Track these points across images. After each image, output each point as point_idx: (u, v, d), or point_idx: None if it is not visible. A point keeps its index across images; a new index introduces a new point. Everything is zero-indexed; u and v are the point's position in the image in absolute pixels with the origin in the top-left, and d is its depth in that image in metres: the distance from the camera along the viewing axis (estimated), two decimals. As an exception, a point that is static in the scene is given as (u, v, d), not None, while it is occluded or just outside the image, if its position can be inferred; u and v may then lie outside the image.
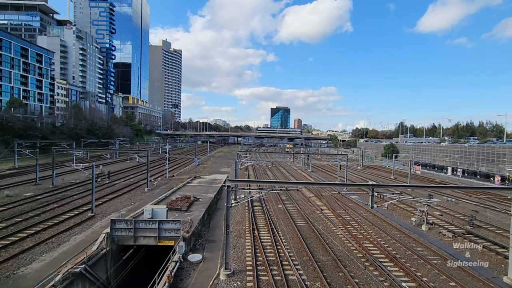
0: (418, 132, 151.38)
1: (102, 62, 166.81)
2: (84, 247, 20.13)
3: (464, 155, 71.12)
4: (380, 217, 30.87)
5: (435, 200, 29.53)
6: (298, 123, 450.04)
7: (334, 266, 19.02)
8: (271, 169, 73.76)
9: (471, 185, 49.00)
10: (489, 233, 26.19)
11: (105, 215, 28.61)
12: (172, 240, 19.42)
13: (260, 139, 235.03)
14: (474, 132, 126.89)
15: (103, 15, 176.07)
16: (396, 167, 68.34)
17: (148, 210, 21.20)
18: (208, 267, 18.56)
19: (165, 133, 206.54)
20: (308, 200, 37.77)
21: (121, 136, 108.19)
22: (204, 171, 63.77)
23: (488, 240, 24.18)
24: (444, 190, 43.88)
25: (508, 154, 59.12)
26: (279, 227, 26.30)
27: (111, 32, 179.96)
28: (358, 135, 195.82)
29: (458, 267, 19.10)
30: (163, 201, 30.86)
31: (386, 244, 22.95)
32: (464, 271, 18.57)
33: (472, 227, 27.60)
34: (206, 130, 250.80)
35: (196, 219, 24.92)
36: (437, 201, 30.08)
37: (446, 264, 19.63)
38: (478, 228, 27.63)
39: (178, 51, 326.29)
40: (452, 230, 26.38)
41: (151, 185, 44.42)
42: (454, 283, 16.95)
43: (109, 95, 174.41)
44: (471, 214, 30.43)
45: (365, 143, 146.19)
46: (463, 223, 29.06)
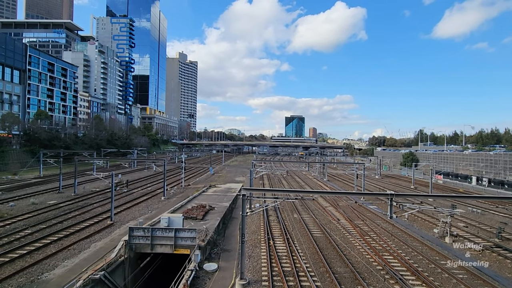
0: (439, 140, 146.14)
1: (122, 74, 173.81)
2: (103, 254, 20.62)
3: (490, 164, 67.77)
4: (400, 228, 29.76)
5: (459, 211, 28.19)
6: (313, 132, 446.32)
7: (353, 278, 18.44)
8: (286, 178, 73.17)
9: (498, 195, 46.45)
10: (519, 247, 24.60)
11: (124, 223, 29.25)
12: (188, 249, 19.55)
13: (275, 148, 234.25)
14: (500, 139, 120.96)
15: (123, 30, 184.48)
16: (416, 176, 66.02)
17: (164, 219, 21.54)
18: (223, 276, 18.48)
19: (181, 143, 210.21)
20: (324, 210, 37.05)
21: (139, 146, 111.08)
22: (219, 180, 64.15)
23: (518, 254, 22.71)
24: (468, 200, 41.84)
25: (538, 162, 55.81)
26: (294, 237, 25.90)
27: (130, 46, 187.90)
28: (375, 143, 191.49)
29: (486, 281, 18.02)
30: (179, 210, 31.21)
31: (407, 257, 22.04)
32: (493, 286, 17.48)
33: (501, 239, 26.05)
34: (221, 139, 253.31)
35: (211, 228, 25.01)
36: (461, 212, 28.72)
37: (473, 279, 18.58)
38: (507, 241, 26.05)
39: (193, 63, 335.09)
40: (478, 242, 25.00)
41: (168, 193, 45.10)
42: (483, 299, 15.98)
43: (128, 106, 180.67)
44: (499, 226, 28.75)
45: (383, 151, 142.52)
46: (490, 235, 27.51)
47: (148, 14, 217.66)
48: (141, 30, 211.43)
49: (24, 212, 31.70)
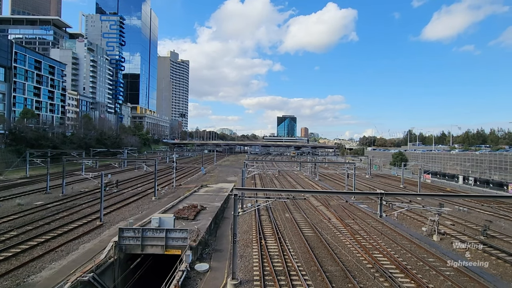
0: (427, 140, 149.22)
1: (112, 73, 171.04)
2: (92, 256, 20.26)
3: (476, 163, 69.64)
4: (389, 226, 30.27)
5: (446, 209, 28.86)
6: (305, 132, 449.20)
7: (343, 276, 18.65)
8: (277, 178, 73.43)
9: (483, 194, 47.76)
10: (503, 244, 25.37)
11: (113, 224, 28.81)
12: (179, 249, 19.41)
13: (267, 148, 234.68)
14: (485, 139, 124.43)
15: (113, 28, 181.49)
16: (405, 175, 67.25)
17: (155, 219, 21.32)
18: (215, 276, 18.43)
19: (172, 142, 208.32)
20: (316, 209, 37.35)
21: (129, 145, 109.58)
22: (211, 180, 63.89)
23: (503, 251, 23.41)
24: (455, 199, 42.86)
25: (521, 162, 57.66)
26: (286, 237, 26.02)
27: (120, 44, 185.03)
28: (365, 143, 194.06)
29: (472, 278, 18.52)
30: (170, 210, 30.94)
31: (396, 255, 22.44)
32: (479, 283, 17.98)
33: (486, 237, 26.80)
34: (213, 139, 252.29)
35: (203, 228, 24.89)
36: (448, 210, 29.41)
37: (459, 275, 19.06)
38: (492, 238, 26.82)
39: (185, 62, 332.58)
40: (465, 240, 25.67)
41: (159, 194, 44.65)
42: (468, 295, 16.41)
43: (118, 105, 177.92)
44: (484, 224, 29.58)
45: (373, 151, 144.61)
46: (476, 233, 28.27)
47: (139, 12, 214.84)
48: (131, 28, 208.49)
49: (9, 213, 30.85)
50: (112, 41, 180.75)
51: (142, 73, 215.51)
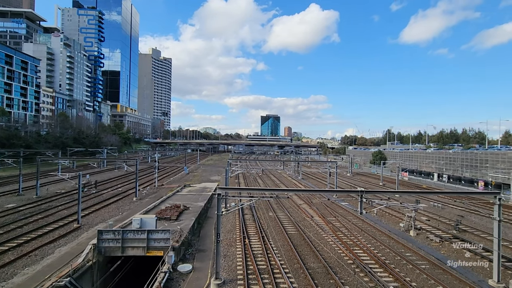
0: (405, 139, 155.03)
1: (90, 70, 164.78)
2: (69, 260, 19.48)
3: (449, 161, 73.15)
4: (369, 223, 31.22)
5: (422, 206, 30.15)
6: (288, 131, 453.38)
7: (325, 273, 19.06)
8: (261, 177, 73.71)
9: (456, 190, 50.32)
10: (474, 237, 26.86)
11: (92, 226, 27.87)
12: (161, 250, 19.09)
13: (251, 147, 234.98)
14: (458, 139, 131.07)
15: (91, 23, 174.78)
16: (384, 173, 69.55)
17: (136, 220, 20.83)
18: (198, 277, 18.27)
19: (154, 142, 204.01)
20: (299, 208, 37.86)
21: (109, 145, 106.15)
22: (194, 179, 63.17)
23: (473, 244, 24.76)
24: (430, 196, 44.87)
25: (490, 160, 61.20)
26: (270, 235, 26.21)
27: (99, 40, 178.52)
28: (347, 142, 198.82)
29: (445, 271, 19.49)
30: (152, 211, 30.33)
31: (375, 250, 23.19)
32: (452, 275, 18.94)
33: (458, 231, 28.26)
34: (196, 138, 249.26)
35: (186, 228, 24.59)
36: (424, 207, 30.74)
37: (434, 269, 20.00)
38: (463, 232, 28.31)
39: (168, 59, 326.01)
40: (439, 235, 26.94)
41: (140, 194, 43.62)
42: (442, 287, 17.25)
43: (97, 103, 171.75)
44: (456, 219, 31.16)
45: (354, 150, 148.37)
46: (449, 227, 29.73)
47: (119, 7, 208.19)
48: (111, 23, 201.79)
49: (-23, 217, 29.07)
50: (90, 37, 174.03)
51: (122, 70, 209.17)
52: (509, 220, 32.05)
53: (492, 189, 52.70)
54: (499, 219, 17.58)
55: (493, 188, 52.82)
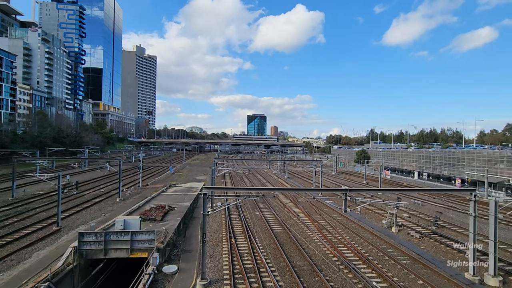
0: (387, 138, 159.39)
1: (71, 66, 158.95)
2: (48, 263, 18.79)
3: (429, 160, 75.84)
4: (353, 220, 31.92)
5: (403, 203, 31.13)
6: (275, 130, 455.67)
7: (311, 270, 19.34)
8: (248, 176, 73.74)
9: (434, 188, 52.30)
10: (451, 233, 28.03)
11: (72, 228, 26.99)
12: (146, 252, 18.75)
13: (237, 146, 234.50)
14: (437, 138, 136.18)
15: (72, 18, 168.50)
16: (368, 172, 71.29)
17: (120, 221, 20.35)
18: (183, 278, 18.08)
19: (138, 141, 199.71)
20: (285, 206, 38.18)
21: (91, 144, 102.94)
22: (179, 179, 62.37)
23: (451, 239, 25.86)
24: (411, 193, 46.42)
25: (466, 158, 63.94)
26: (256, 234, 26.29)
27: (80, 36, 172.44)
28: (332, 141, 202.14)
29: (425, 265, 20.24)
30: (136, 212, 29.72)
31: (359, 247, 23.75)
32: (431, 269, 19.70)
33: (437, 227, 29.39)
34: (182, 137, 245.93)
35: (171, 228, 24.26)
36: (405, 204, 31.74)
37: (414, 263, 20.72)
38: (442, 228, 29.48)
39: (152, 57, 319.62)
40: (419, 231, 27.92)
41: (123, 195, 42.61)
42: (422, 281, 17.91)
43: (78, 101, 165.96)
44: (435, 215, 32.40)
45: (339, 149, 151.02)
46: (428, 223, 30.87)
47: (101, 2, 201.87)
48: (93, 19, 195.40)
49: None
50: (70, 32, 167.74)
51: (105, 68, 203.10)
52: (484, 216, 33.66)
53: (468, 186, 55.14)
54: (475, 214, 18.43)
55: (469, 185, 55.27)
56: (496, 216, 17.87)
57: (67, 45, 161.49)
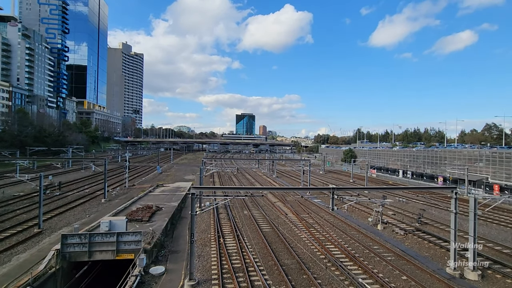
0: (374, 138, 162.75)
1: (53, 63, 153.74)
2: (29, 267, 18.17)
3: (413, 159, 77.94)
4: (340, 219, 32.44)
5: (388, 201, 31.85)
6: (263, 130, 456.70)
7: (298, 268, 19.52)
8: (236, 176, 73.60)
9: (418, 186, 53.82)
10: (434, 229, 28.93)
11: (55, 230, 26.20)
12: (132, 253, 18.43)
13: (226, 145, 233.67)
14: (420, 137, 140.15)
15: (54, 13, 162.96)
16: (354, 171, 72.56)
17: (105, 223, 19.90)
18: (171, 279, 17.89)
19: (124, 140, 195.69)
20: (273, 205, 38.36)
21: (75, 144, 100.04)
22: (167, 179, 61.57)
23: (433, 235, 26.70)
24: (396, 191, 47.57)
25: (448, 157, 66.11)
26: (244, 234, 26.30)
27: (64, 32, 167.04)
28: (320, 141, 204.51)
29: (409, 261, 20.82)
30: (122, 212, 29.14)
31: (346, 244, 24.17)
32: (414, 265, 20.28)
33: (420, 224, 30.27)
34: (170, 137, 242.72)
35: (158, 229, 23.94)
36: (390, 202, 32.49)
37: (399, 260, 21.27)
38: (425, 224, 30.38)
39: (139, 55, 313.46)
40: (403, 228, 28.68)
41: (109, 195, 41.69)
42: (406, 276, 18.41)
43: (61, 99, 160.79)
44: (419, 213, 33.37)
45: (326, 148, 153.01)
46: (412, 221, 31.75)
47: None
48: (77, 14, 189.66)
49: None
50: (53, 28, 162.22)
51: (89, 65, 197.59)
52: (465, 213, 34.92)
53: (450, 184, 57.06)
54: (456, 211, 19.10)
55: (451, 183, 57.19)
56: (476, 213, 18.59)
57: (50, 41, 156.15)
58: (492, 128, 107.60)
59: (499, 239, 25.97)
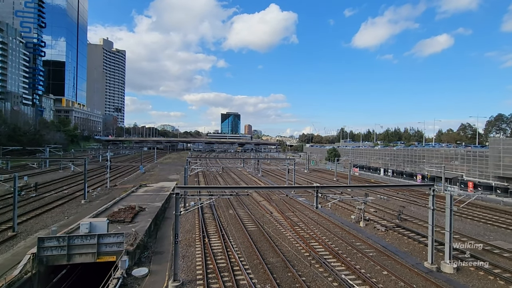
0: (356, 137, 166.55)
1: (29, 58, 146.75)
2: (3, 272, 17.29)
3: (393, 157, 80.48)
4: (324, 216, 33.02)
5: (370, 198, 32.80)
6: (249, 129, 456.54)
7: (283, 266, 19.72)
8: (221, 175, 73.26)
9: (398, 184, 55.69)
10: (413, 225, 30.03)
11: (31, 233, 25.09)
12: (114, 255, 17.96)
13: (211, 144, 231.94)
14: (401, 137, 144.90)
15: (29, 6, 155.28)
16: (338, 169, 74.01)
17: (85, 224, 19.26)
18: (155, 280, 17.58)
19: (106, 139, 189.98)
20: (258, 204, 38.49)
21: (53, 143, 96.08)
22: (151, 179, 60.37)
23: (412, 231, 27.72)
24: (377, 189, 49.00)
25: (426, 156, 68.76)
26: (230, 233, 26.25)
27: (40, 26, 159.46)
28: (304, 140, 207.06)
29: (389, 257, 21.52)
30: (103, 213, 28.31)
31: (329, 242, 24.65)
32: (394, 260, 20.98)
33: (400, 220, 31.34)
34: (153, 136, 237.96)
35: (141, 230, 23.45)
36: (372, 199, 33.47)
37: (380, 255, 21.94)
38: (405, 221, 31.48)
39: (121, 52, 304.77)
40: (384, 224, 29.59)
41: (89, 196, 40.37)
42: (387, 271, 19.02)
43: (37, 96, 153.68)
44: (399, 209, 34.52)
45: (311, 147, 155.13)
46: (393, 217, 32.81)
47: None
48: (54, 8, 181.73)
49: None
50: (28, 21, 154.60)
51: (68, 61, 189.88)
52: (441, 209, 36.49)
53: (428, 181, 59.41)
54: (433, 208, 19.92)
55: (429, 181, 59.56)
56: (451, 209, 19.47)
57: (25, 35, 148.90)
58: (467, 128, 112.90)
59: (472, 234, 27.33)
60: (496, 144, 51.63)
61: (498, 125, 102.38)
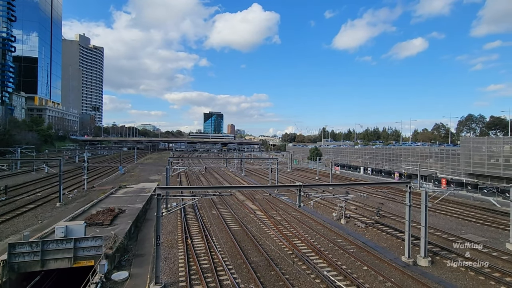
0: (337, 136, 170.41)
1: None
2: (-31, 281, 16.23)
3: (372, 156, 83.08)
4: (307, 215, 33.55)
5: (351, 196, 33.65)
6: (231, 128, 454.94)
7: (267, 265, 19.84)
8: (204, 175, 72.55)
9: (377, 181, 57.55)
10: (391, 221, 31.16)
11: (1, 239, 23.71)
12: (92, 259, 17.34)
13: (193, 144, 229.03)
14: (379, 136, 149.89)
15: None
16: (320, 168, 75.41)
17: (60, 228, 18.45)
18: (135, 284, 17.15)
19: (82, 139, 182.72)
20: (242, 204, 38.48)
21: (24, 143, 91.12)
22: (131, 180, 58.72)
23: (390, 227, 28.76)
24: (358, 187, 50.35)
25: (403, 154, 71.51)
26: (213, 233, 26.06)
27: (9, 20, 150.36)
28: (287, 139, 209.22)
29: (369, 252, 22.22)
30: (80, 216, 27.23)
31: (312, 239, 25.08)
32: (373, 255, 21.69)
33: (379, 217, 32.43)
34: (133, 135, 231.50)
35: (121, 233, 22.79)
36: (352, 197, 34.34)
37: (360, 251, 22.60)
38: (383, 217, 32.61)
39: (99, 48, 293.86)
40: (364, 221, 30.50)
41: (65, 199, 38.68)
42: (367, 267, 19.62)
43: (6, 94, 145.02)
44: (378, 206, 35.69)
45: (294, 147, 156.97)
46: (372, 214, 33.89)
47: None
48: (25, 1, 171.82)
49: None
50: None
51: (41, 57, 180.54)
52: (417, 205, 38.11)
53: (405, 179, 61.85)
54: (410, 204, 20.77)
55: (405, 178, 62.01)
56: (426, 205, 20.38)
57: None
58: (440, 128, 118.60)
59: (446, 228, 28.75)
60: (466, 142, 54.58)
61: (469, 124, 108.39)
